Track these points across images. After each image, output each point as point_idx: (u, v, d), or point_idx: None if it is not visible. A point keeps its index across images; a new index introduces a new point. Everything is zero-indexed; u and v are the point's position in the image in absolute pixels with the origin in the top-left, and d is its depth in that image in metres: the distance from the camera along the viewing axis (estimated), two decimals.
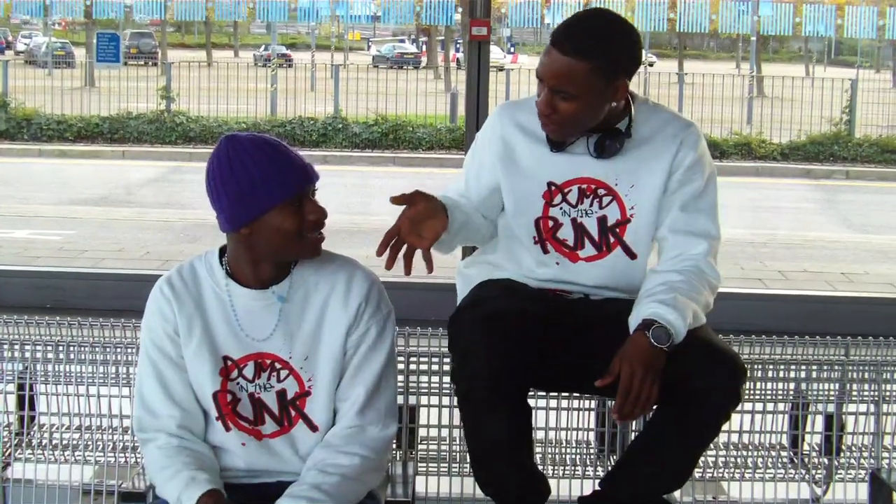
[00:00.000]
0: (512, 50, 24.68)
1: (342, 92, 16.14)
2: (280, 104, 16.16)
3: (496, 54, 18.35)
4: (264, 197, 2.31)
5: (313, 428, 2.44)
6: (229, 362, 2.41)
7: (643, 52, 2.82)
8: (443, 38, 22.44)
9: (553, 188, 2.83)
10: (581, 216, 2.83)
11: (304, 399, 2.43)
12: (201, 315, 2.42)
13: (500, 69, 16.48)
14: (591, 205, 2.82)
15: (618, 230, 2.82)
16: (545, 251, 2.85)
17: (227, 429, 2.42)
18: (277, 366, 2.42)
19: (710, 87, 15.85)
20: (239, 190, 2.32)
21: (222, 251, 2.46)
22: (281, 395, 2.42)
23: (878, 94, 17.49)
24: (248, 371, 2.42)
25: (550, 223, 2.84)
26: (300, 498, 2.30)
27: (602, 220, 2.82)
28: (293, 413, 2.43)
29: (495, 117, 2.92)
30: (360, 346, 2.43)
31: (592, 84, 2.65)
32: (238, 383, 2.42)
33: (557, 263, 2.84)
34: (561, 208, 2.83)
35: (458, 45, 20.59)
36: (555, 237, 2.84)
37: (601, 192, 2.82)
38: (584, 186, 2.82)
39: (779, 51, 26.16)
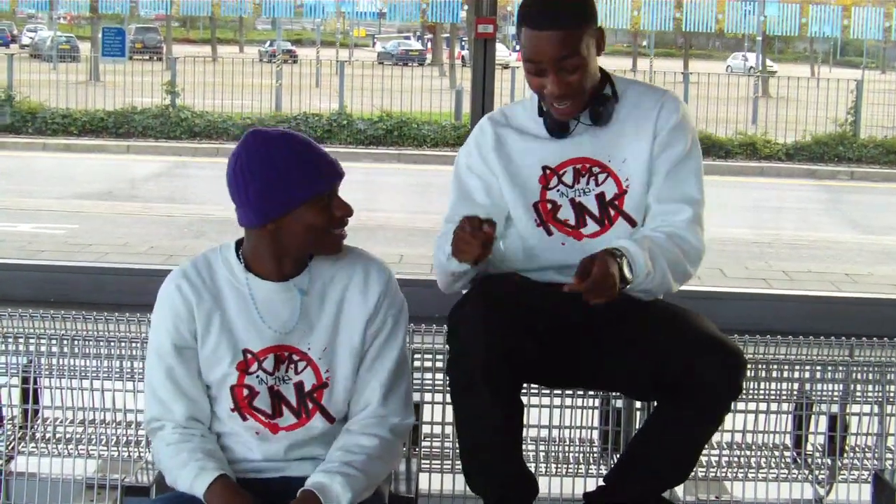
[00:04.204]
0: (517, 48, 24.68)
1: (347, 88, 16.11)
2: (285, 100, 16.15)
3: (502, 52, 18.33)
4: (296, 192, 2.32)
5: (330, 419, 2.45)
6: (249, 355, 2.41)
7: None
8: (448, 35, 22.41)
9: (548, 171, 2.86)
10: (579, 195, 2.85)
11: (322, 391, 2.44)
12: (220, 309, 2.41)
13: (506, 67, 16.46)
14: (587, 183, 2.85)
15: (616, 202, 2.85)
16: (549, 233, 2.86)
17: (244, 419, 2.42)
18: (295, 357, 2.42)
19: (715, 86, 15.82)
20: (268, 184, 2.31)
21: (238, 244, 2.46)
22: (299, 387, 2.43)
23: (883, 94, 17.45)
24: (268, 364, 2.41)
25: (549, 206, 2.86)
26: (335, 473, 2.31)
27: (600, 197, 2.85)
28: (311, 405, 2.43)
29: (478, 128, 2.96)
30: (376, 338, 2.46)
31: (586, 42, 2.72)
32: (258, 376, 2.41)
33: (563, 244, 2.85)
34: (558, 190, 2.85)
35: (463, 43, 20.58)
36: (555, 218, 2.86)
37: (595, 170, 2.85)
38: (579, 166, 2.85)
39: (784, 51, 26.11)
